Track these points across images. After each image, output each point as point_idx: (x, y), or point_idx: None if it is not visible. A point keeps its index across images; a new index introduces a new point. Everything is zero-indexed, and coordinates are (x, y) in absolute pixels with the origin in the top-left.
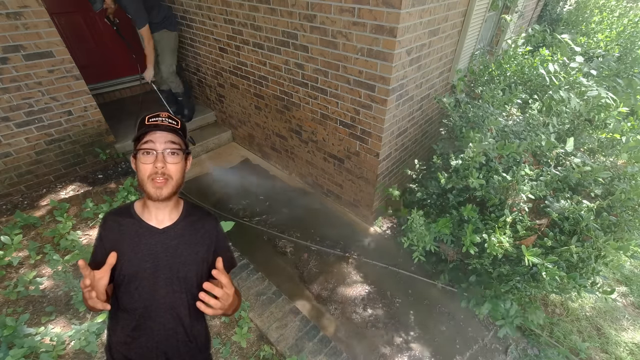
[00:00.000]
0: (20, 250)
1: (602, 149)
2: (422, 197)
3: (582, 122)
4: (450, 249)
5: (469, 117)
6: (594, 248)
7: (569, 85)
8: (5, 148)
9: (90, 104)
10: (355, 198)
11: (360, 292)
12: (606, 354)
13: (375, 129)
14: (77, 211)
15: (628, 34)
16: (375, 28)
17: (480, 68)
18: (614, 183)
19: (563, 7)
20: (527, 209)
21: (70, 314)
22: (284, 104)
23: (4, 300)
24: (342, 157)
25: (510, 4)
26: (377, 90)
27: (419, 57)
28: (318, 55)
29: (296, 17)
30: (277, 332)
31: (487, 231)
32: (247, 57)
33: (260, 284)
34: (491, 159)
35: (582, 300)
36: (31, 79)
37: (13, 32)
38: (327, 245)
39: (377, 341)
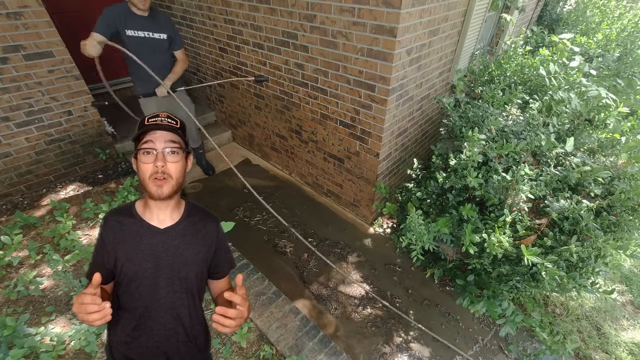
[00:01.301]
0: (20, 250)
1: (602, 149)
2: (421, 197)
3: (582, 122)
4: (450, 248)
5: (469, 117)
6: (594, 248)
7: (569, 86)
8: (5, 148)
9: (90, 104)
10: (355, 198)
11: (360, 291)
12: (606, 354)
13: (375, 129)
14: (77, 211)
15: (628, 33)
16: (375, 28)
17: (480, 68)
18: (613, 183)
19: (563, 7)
20: (526, 208)
21: (70, 314)
22: (284, 104)
23: (4, 300)
24: (342, 157)
25: (510, 4)
26: (377, 90)
27: (419, 57)
28: (318, 55)
29: (296, 17)
30: (277, 332)
31: (487, 231)
32: (247, 57)
33: (260, 284)
34: (490, 158)
35: (582, 299)
36: (31, 79)
37: (13, 32)
38: (327, 245)
39: (377, 341)
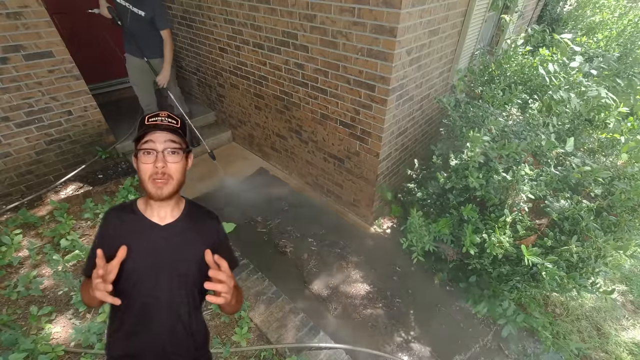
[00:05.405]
0: (20, 250)
1: (602, 149)
2: (422, 197)
3: (582, 122)
4: (450, 248)
5: (469, 117)
6: (594, 248)
7: (569, 86)
8: (5, 148)
9: (90, 103)
10: (355, 198)
11: (360, 291)
12: (606, 354)
13: (375, 129)
14: (77, 211)
15: (628, 33)
16: (376, 28)
17: (480, 68)
18: (614, 183)
19: (563, 7)
20: (527, 208)
21: (70, 314)
22: (284, 104)
23: (4, 300)
24: (342, 157)
25: (510, 4)
26: (377, 90)
27: (419, 57)
28: (318, 55)
29: (296, 17)
30: (277, 332)
31: (487, 231)
32: (247, 57)
33: (260, 284)
34: (491, 158)
35: (582, 300)
36: (31, 79)
37: (13, 32)
38: (327, 245)
39: (377, 341)
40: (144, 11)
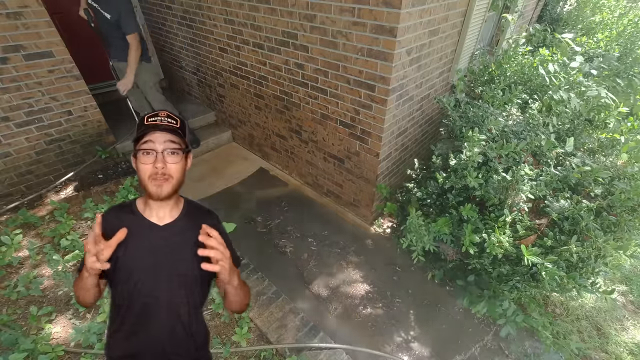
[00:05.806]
0: (20, 250)
1: (602, 149)
2: (421, 197)
3: (582, 122)
4: (450, 248)
5: (469, 117)
6: (594, 248)
7: (569, 85)
8: (5, 148)
9: (90, 104)
10: (355, 198)
11: (360, 291)
12: (606, 354)
13: (375, 129)
14: (77, 211)
15: (628, 33)
16: (375, 28)
17: (480, 68)
18: (613, 183)
19: (563, 7)
20: (526, 208)
21: (70, 314)
22: (284, 104)
23: (4, 300)
24: (342, 157)
25: (510, 4)
26: (377, 90)
27: (419, 57)
28: (318, 55)
29: (296, 17)
30: (277, 332)
31: (487, 231)
32: (247, 57)
33: (260, 284)
34: (490, 158)
35: (582, 300)
36: (31, 79)
37: (13, 32)
38: (327, 245)
39: (377, 341)
40: (109, 13)
